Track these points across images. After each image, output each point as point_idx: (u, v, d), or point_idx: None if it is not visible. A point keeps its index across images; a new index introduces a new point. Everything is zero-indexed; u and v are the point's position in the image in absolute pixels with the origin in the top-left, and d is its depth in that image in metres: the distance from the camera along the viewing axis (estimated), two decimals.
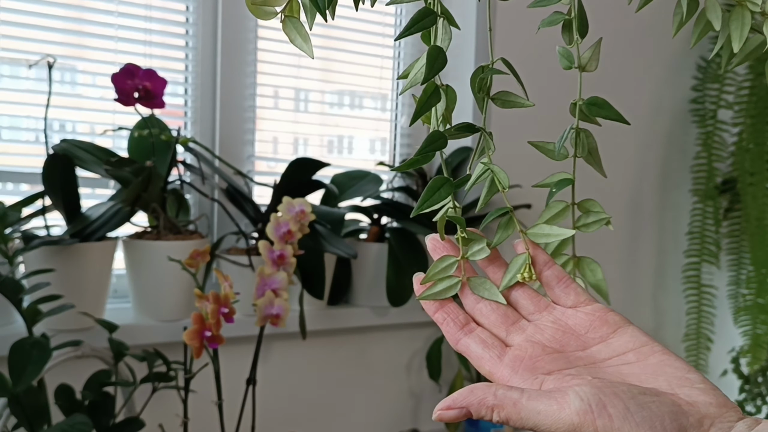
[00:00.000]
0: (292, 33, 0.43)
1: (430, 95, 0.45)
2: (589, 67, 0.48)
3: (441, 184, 0.46)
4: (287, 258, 0.97)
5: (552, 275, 0.45)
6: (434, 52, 0.44)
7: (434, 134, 0.46)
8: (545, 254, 0.46)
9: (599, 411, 0.36)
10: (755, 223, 1.57)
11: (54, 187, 0.99)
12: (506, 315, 0.44)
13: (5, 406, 0.84)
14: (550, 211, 0.48)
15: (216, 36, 1.24)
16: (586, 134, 0.50)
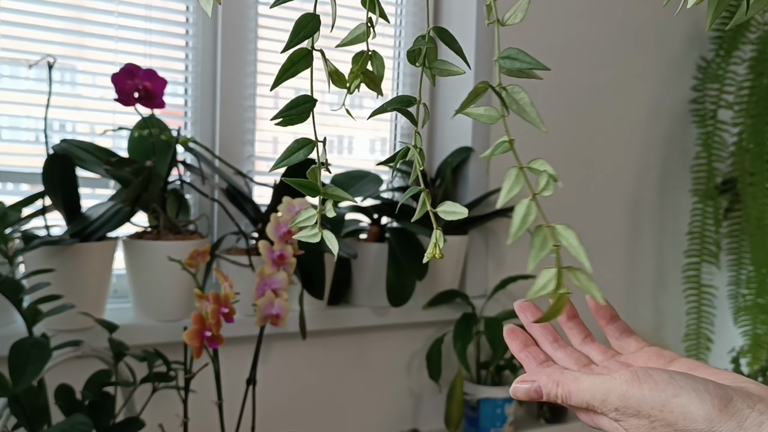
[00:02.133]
0: None
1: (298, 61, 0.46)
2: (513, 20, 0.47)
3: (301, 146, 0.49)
4: (287, 258, 0.97)
5: (616, 329, 0.51)
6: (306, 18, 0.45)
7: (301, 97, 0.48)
8: (613, 309, 0.52)
9: (645, 378, 0.40)
10: (755, 223, 1.56)
11: (54, 187, 0.99)
12: (579, 359, 0.50)
13: (5, 406, 0.84)
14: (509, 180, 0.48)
15: (216, 36, 1.24)
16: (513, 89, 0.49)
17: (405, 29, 1.45)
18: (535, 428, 1.42)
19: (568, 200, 1.52)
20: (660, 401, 0.40)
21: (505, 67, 0.47)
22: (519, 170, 0.49)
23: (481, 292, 1.44)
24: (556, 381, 0.44)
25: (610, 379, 0.42)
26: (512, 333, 0.51)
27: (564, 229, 0.46)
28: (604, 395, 0.42)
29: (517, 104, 0.48)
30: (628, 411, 0.41)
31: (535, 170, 0.48)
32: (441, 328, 1.38)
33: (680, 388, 0.39)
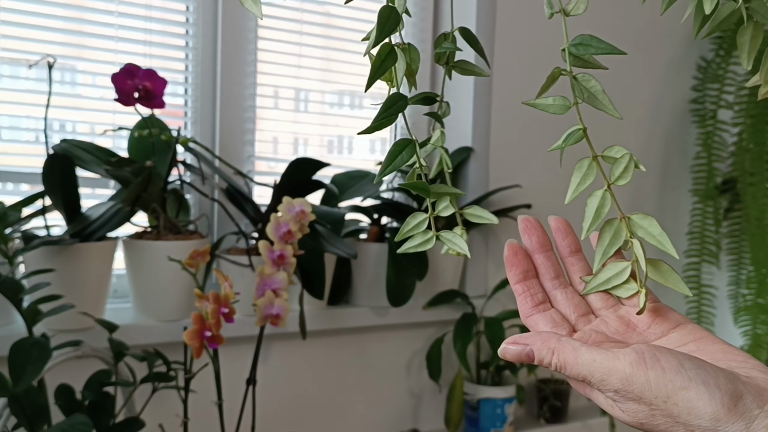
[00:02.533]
0: None
1: (385, 57, 0.45)
2: (576, 11, 0.46)
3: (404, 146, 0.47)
4: (287, 258, 0.97)
5: None
6: (386, 12, 0.44)
7: (394, 96, 0.46)
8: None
9: (652, 363, 0.37)
10: (755, 223, 1.56)
11: (54, 187, 0.99)
12: (578, 305, 0.46)
13: (5, 406, 0.84)
14: (580, 171, 0.47)
15: (216, 36, 1.24)
16: (584, 77, 0.48)
17: (406, 29, 1.44)
18: (535, 428, 1.42)
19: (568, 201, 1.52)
20: (665, 391, 0.37)
21: (576, 54, 0.45)
22: (592, 160, 0.47)
23: (481, 292, 1.44)
24: (552, 348, 0.40)
25: (613, 357, 0.38)
26: (514, 256, 0.46)
27: (642, 218, 0.45)
28: (604, 374, 0.38)
29: (589, 92, 0.47)
30: (628, 395, 0.38)
31: (610, 158, 0.47)
32: (441, 328, 1.38)
33: (689, 380, 0.36)
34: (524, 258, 0.46)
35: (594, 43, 0.45)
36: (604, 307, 0.46)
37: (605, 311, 0.46)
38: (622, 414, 0.39)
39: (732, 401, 0.36)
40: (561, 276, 0.47)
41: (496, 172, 1.42)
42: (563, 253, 0.48)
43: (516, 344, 0.41)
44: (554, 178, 1.52)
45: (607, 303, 0.46)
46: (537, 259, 0.47)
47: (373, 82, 0.46)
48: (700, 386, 0.36)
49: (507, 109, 1.42)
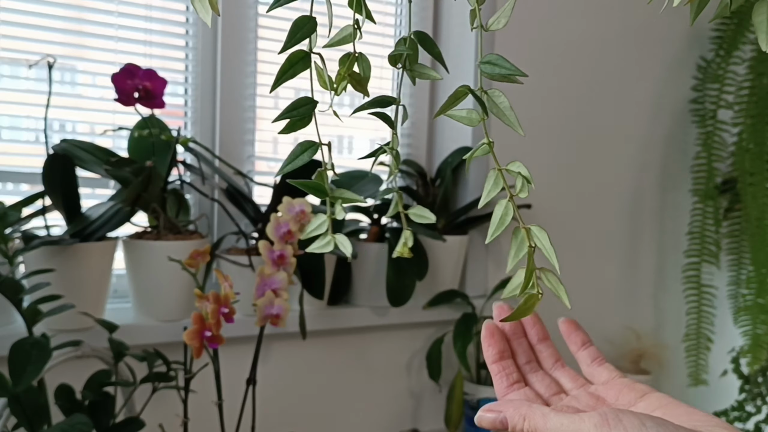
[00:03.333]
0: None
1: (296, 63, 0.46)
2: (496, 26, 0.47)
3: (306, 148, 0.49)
4: (287, 258, 0.97)
5: (588, 355, 0.51)
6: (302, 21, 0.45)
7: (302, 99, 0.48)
8: (585, 335, 0.52)
9: (615, 423, 0.39)
10: (755, 223, 1.56)
11: (54, 187, 0.99)
12: (550, 386, 0.49)
13: (5, 406, 0.84)
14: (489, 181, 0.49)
15: (216, 36, 1.24)
16: (494, 93, 0.49)
17: (405, 29, 1.45)
18: None
19: (568, 200, 1.52)
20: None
21: (486, 72, 0.47)
22: (498, 172, 0.50)
23: (481, 292, 1.44)
24: (523, 415, 0.43)
25: (579, 420, 0.40)
26: (491, 337, 0.50)
27: (538, 230, 0.48)
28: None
29: (498, 108, 0.48)
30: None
31: (511, 172, 0.49)
32: (441, 328, 1.38)
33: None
34: (501, 339, 0.50)
35: (501, 62, 0.47)
36: (575, 387, 0.49)
37: (576, 390, 0.49)
38: None
39: None
40: (533, 361, 0.51)
41: None
42: (533, 341, 0.52)
43: (491, 411, 0.44)
44: (554, 178, 1.53)
45: (577, 383, 0.50)
46: (513, 341, 0.51)
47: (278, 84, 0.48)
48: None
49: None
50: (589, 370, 0.50)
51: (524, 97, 1.43)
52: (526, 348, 0.51)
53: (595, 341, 0.57)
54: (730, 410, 1.60)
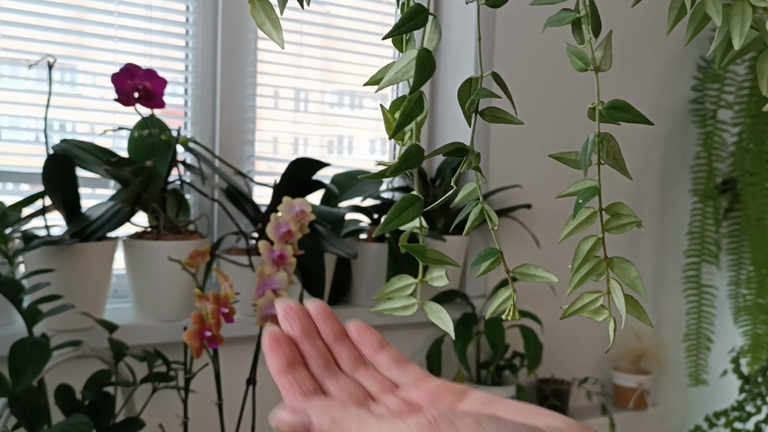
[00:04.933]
0: (260, 17, 0.39)
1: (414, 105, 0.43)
2: (603, 66, 0.45)
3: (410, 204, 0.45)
4: (287, 258, 0.97)
5: (388, 359, 0.43)
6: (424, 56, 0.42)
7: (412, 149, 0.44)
8: (378, 336, 0.43)
9: (447, 427, 0.33)
10: (755, 223, 1.56)
11: (54, 187, 0.99)
12: (353, 393, 0.41)
13: (5, 406, 0.84)
14: (578, 219, 0.47)
15: (216, 36, 1.24)
16: (608, 138, 0.46)
17: None
18: None
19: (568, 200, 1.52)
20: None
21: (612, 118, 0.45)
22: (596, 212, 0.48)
23: (481, 292, 1.44)
24: (334, 418, 0.35)
25: (402, 425, 0.33)
26: (275, 344, 0.41)
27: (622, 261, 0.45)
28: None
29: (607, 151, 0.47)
30: None
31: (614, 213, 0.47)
32: (441, 328, 1.38)
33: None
34: (287, 345, 0.41)
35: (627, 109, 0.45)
36: (382, 392, 0.42)
37: (383, 396, 0.41)
38: None
39: None
40: (330, 363, 0.42)
41: (496, 172, 1.42)
42: (328, 340, 0.43)
43: (293, 413, 0.36)
44: (554, 178, 1.52)
45: (384, 387, 0.42)
46: (303, 348, 0.42)
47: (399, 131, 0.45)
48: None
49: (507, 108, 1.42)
50: (393, 375, 0.43)
51: (524, 97, 1.43)
52: (323, 350, 0.42)
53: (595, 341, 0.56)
54: (730, 410, 1.60)
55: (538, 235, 1.39)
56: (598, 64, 0.46)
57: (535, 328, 1.37)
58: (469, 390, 0.41)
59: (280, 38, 0.38)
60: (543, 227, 1.43)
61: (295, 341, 0.42)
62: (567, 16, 0.46)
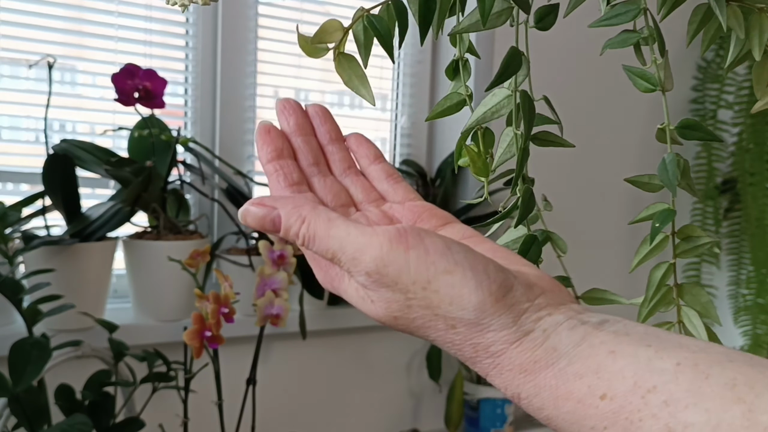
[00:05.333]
0: (347, 73, 0.37)
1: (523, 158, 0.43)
2: (667, 86, 0.45)
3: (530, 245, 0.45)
4: (287, 258, 0.97)
5: (381, 170, 0.42)
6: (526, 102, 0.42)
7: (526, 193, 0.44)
8: (375, 150, 0.43)
9: (415, 242, 0.32)
10: (755, 223, 1.57)
11: (54, 187, 0.99)
12: (337, 195, 0.40)
13: (5, 406, 0.84)
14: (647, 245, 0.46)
15: (216, 36, 1.24)
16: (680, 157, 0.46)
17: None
18: (535, 428, 1.42)
19: (568, 200, 1.52)
20: (426, 276, 0.31)
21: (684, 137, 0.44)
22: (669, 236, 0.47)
23: None
24: (303, 217, 0.33)
25: (371, 232, 0.32)
26: (266, 134, 0.40)
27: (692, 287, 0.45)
28: (356, 251, 0.32)
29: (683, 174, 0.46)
30: (382, 279, 0.32)
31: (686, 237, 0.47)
32: None
33: (455, 264, 0.31)
34: (278, 137, 0.40)
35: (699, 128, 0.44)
36: (366, 201, 0.41)
37: (367, 205, 0.41)
38: (373, 307, 0.33)
39: (501, 291, 0.31)
40: (321, 163, 0.41)
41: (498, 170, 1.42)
42: (323, 141, 0.42)
43: (261, 206, 0.34)
44: (554, 178, 1.52)
45: (370, 196, 0.41)
46: (295, 142, 0.41)
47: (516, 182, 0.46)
48: (467, 271, 0.31)
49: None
50: (383, 187, 0.41)
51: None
52: (315, 148, 0.41)
53: None
54: None
55: None
56: (663, 83, 0.45)
57: None
58: (454, 221, 0.40)
59: (369, 95, 0.37)
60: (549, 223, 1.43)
61: (287, 136, 0.41)
62: (630, 38, 0.45)
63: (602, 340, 0.30)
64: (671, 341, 0.30)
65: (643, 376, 0.29)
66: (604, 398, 0.29)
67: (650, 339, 0.30)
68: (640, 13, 0.42)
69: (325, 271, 0.38)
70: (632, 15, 0.42)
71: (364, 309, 0.34)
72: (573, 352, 0.31)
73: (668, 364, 0.29)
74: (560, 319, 0.32)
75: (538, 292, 0.33)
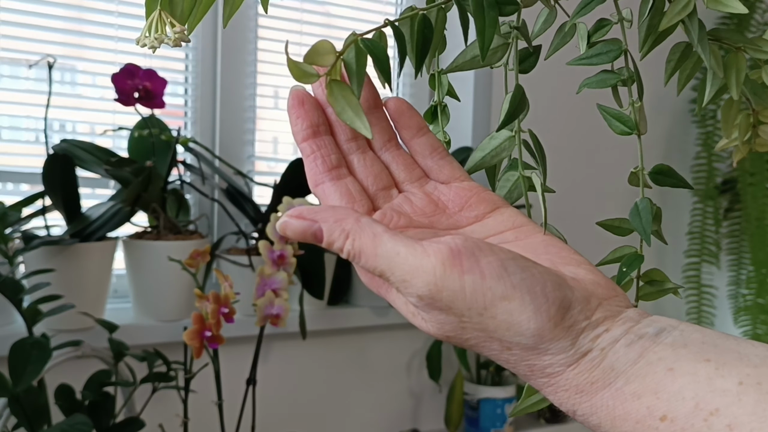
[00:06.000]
0: (340, 103, 0.33)
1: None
2: (642, 130, 0.44)
3: None
4: (287, 258, 0.97)
5: (425, 143, 0.38)
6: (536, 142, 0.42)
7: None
8: (419, 119, 0.39)
9: (470, 265, 0.30)
10: (755, 223, 1.57)
11: (54, 187, 0.99)
12: (379, 175, 0.37)
13: (5, 406, 0.84)
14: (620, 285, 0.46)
15: (216, 36, 1.24)
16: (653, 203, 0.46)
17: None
18: (535, 428, 1.42)
19: (568, 200, 1.52)
20: (482, 303, 0.29)
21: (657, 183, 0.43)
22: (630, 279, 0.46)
23: None
24: (346, 231, 0.31)
25: (422, 253, 0.30)
26: (300, 106, 0.36)
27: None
28: (406, 273, 0.30)
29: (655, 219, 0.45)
30: (435, 304, 0.30)
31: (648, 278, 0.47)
32: None
33: (512, 289, 0.29)
34: (314, 108, 0.37)
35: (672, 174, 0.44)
36: (409, 180, 0.38)
37: (410, 185, 0.38)
38: (425, 324, 0.32)
39: (560, 314, 0.30)
40: (359, 137, 0.37)
41: None
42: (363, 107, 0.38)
43: (301, 219, 0.32)
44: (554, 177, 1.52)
45: (413, 175, 0.38)
46: (330, 114, 0.37)
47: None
48: (525, 295, 0.29)
49: None
50: (427, 163, 0.38)
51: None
52: None
53: None
54: None
55: None
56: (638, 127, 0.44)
57: None
58: (503, 205, 0.37)
59: (366, 127, 0.33)
60: None
61: (323, 107, 0.37)
62: (610, 78, 0.44)
63: (660, 356, 0.29)
64: (731, 352, 0.29)
65: (704, 398, 0.28)
66: (665, 420, 0.28)
67: (708, 351, 0.29)
68: (620, 54, 0.41)
69: (370, 277, 0.35)
70: (613, 56, 0.41)
71: (414, 323, 0.33)
72: (630, 370, 0.30)
73: (730, 384, 0.28)
74: (617, 334, 0.31)
75: (595, 305, 0.32)
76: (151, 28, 0.35)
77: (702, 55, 0.38)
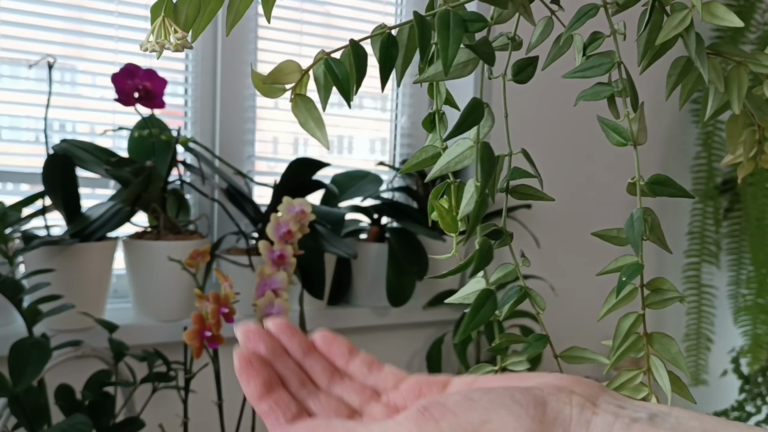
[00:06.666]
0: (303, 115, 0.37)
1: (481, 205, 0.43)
2: (640, 140, 0.45)
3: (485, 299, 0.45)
4: (287, 258, 0.97)
5: (361, 363, 0.40)
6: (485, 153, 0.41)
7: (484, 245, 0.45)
8: (346, 343, 0.40)
9: (440, 411, 0.31)
10: (755, 223, 1.57)
11: (54, 187, 0.99)
12: (338, 410, 0.38)
13: (5, 406, 0.84)
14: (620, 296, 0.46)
15: (216, 36, 1.24)
16: (650, 214, 0.46)
17: None
18: None
19: (568, 200, 1.52)
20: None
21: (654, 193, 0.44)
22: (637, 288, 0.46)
23: None
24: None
25: (394, 425, 0.32)
26: (248, 368, 0.39)
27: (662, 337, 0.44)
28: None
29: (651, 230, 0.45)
30: None
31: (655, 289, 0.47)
32: (441, 328, 1.38)
33: (486, 410, 0.31)
34: (262, 366, 0.39)
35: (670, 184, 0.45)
36: (364, 401, 0.39)
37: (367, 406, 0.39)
38: None
39: (539, 410, 0.31)
40: (306, 382, 0.39)
41: None
42: (297, 356, 0.40)
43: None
44: (554, 177, 1.52)
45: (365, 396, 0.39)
46: (279, 363, 0.39)
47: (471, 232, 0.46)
48: (500, 411, 0.31)
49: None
50: (370, 381, 0.39)
51: (524, 97, 1.43)
52: (294, 368, 0.39)
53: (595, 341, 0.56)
54: (730, 410, 1.60)
55: (538, 235, 1.39)
56: (636, 137, 0.45)
57: (535, 328, 1.37)
58: (451, 378, 0.38)
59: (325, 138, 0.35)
60: (543, 227, 1.43)
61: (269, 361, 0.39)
62: (603, 91, 0.45)
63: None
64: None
65: None
66: None
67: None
68: (614, 67, 0.42)
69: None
70: (606, 68, 0.42)
71: None
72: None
73: None
74: (609, 420, 0.31)
75: (568, 393, 0.32)
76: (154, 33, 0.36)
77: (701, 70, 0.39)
